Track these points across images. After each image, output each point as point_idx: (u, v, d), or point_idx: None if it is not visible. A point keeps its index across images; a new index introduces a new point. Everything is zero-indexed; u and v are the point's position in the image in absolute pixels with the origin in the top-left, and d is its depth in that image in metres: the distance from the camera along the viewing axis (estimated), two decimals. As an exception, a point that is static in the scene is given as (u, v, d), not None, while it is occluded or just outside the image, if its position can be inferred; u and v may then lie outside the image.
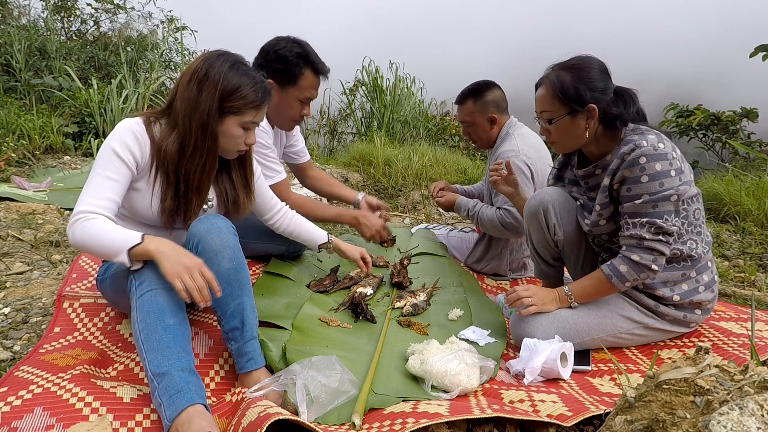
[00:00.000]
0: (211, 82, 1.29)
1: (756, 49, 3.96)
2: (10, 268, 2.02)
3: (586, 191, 1.60)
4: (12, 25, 6.34)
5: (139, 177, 1.33)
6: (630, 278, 1.41)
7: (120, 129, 1.30)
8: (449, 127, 6.73)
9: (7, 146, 3.74)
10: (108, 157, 1.27)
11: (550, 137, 1.55)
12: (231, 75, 1.30)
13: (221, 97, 1.30)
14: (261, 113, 1.38)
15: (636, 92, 1.50)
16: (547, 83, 1.49)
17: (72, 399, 1.11)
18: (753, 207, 3.06)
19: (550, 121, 1.50)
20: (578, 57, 1.49)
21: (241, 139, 1.37)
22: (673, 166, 1.36)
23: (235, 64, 1.33)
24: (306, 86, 1.88)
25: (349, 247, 1.88)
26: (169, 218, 1.37)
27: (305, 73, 1.86)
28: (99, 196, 1.23)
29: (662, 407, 0.71)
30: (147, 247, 1.16)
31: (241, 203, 1.50)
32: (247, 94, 1.31)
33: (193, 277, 1.14)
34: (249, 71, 1.35)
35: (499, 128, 2.22)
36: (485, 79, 2.24)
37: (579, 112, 1.45)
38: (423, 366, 1.31)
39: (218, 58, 1.32)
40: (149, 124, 1.33)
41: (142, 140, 1.30)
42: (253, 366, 1.27)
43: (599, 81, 1.44)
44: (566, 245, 1.66)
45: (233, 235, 1.31)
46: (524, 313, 1.52)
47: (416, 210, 3.84)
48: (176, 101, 1.32)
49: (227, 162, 1.47)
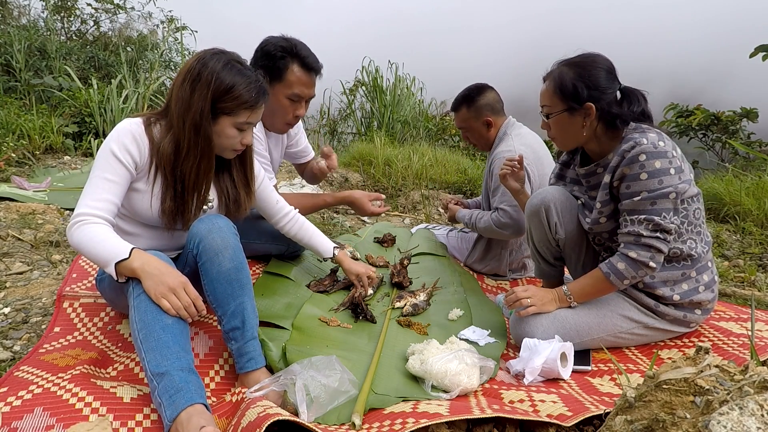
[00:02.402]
0: (203, 83, 1.27)
1: (756, 49, 3.95)
2: (10, 268, 2.02)
3: (587, 190, 1.60)
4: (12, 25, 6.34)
5: (138, 178, 1.32)
6: (628, 276, 1.41)
7: (118, 130, 1.29)
8: (449, 127, 6.73)
9: (7, 146, 3.74)
10: (106, 159, 1.26)
11: (550, 132, 1.56)
12: (224, 75, 1.28)
13: (214, 98, 1.28)
14: (256, 114, 1.35)
15: (645, 93, 1.49)
16: (551, 78, 1.50)
17: (72, 399, 1.11)
18: (753, 207, 3.06)
19: (548, 116, 1.52)
20: (584, 54, 1.49)
21: (236, 139, 1.35)
22: (673, 164, 1.36)
23: (228, 63, 1.30)
24: (294, 81, 1.78)
25: (350, 265, 1.82)
26: (169, 219, 1.36)
27: (291, 67, 1.76)
28: (97, 197, 1.24)
29: (662, 407, 0.71)
30: (132, 264, 1.16)
31: (242, 202, 1.50)
32: (240, 94, 1.29)
33: (179, 296, 1.15)
34: (244, 70, 1.32)
35: (496, 129, 2.22)
36: (477, 82, 2.25)
37: (576, 109, 1.45)
38: (423, 366, 1.31)
39: (212, 57, 1.30)
40: (149, 125, 1.33)
41: (141, 141, 1.30)
42: (253, 366, 1.27)
43: (602, 80, 1.44)
44: (567, 244, 1.66)
45: (234, 235, 1.31)
46: (523, 314, 1.52)
47: (416, 210, 3.84)
48: (171, 101, 1.32)
49: (228, 161, 1.46)
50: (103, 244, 1.18)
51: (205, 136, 1.30)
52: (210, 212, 1.46)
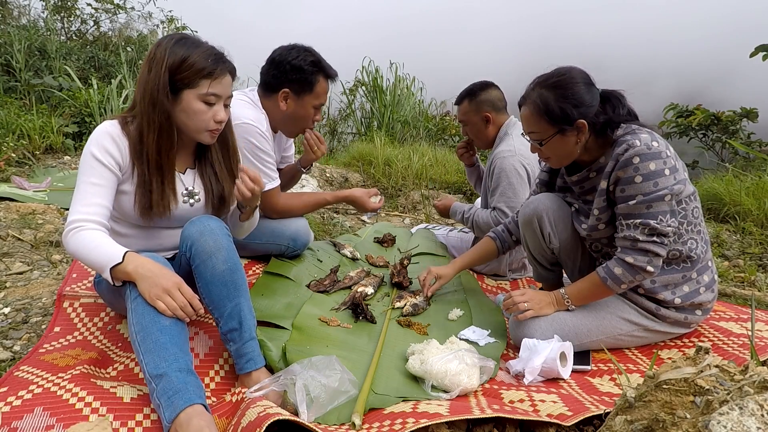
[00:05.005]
0: (158, 60, 1.28)
1: (756, 49, 3.95)
2: (10, 268, 2.02)
3: (580, 195, 1.58)
4: (12, 25, 6.34)
5: (124, 179, 1.33)
6: (625, 280, 1.40)
7: (96, 133, 1.30)
8: (449, 127, 6.73)
9: (7, 146, 3.74)
10: (89, 163, 1.27)
11: (542, 154, 1.52)
12: (176, 48, 1.29)
13: (171, 71, 1.28)
14: (219, 84, 1.32)
15: (623, 92, 1.47)
16: (531, 104, 1.45)
17: (72, 399, 1.11)
18: (753, 207, 3.06)
19: (541, 142, 1.47)
20: (559, 72, 1.44)
21: (207, 115, 1.32)
22: (667, 164, 1.34)
23: (181, 39, 1.32)
24: (321, 92, 1.91)
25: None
26: (143, 210, 1.34)
27: (320, 80, 1.88)
28: (87, 202, 1.24)
29: (662, 407, 0.71)
30: (126, 268, 1.16)
31: (227, 196, 1.49)
32: (194, 62, 1.28)
33: (174, 297, 1.15)
34: (198, 43, 1.32)
35: (497, 128, 2.22)
36: (485, 80, 2.25)
37: (567, 129, 1.42)
38: (423, 366, 1.30)
39: (165, 38, 1.33)
40: (125, 124, 1.33)
41: (120, 141, 1.30)
42: (252, 366, 1.27)
43: (584, 94, 1.40)
44: (562, 252, 1.65)
45: (227, 236, 1.31)
46: (521, 318, 1.52)
47: (416, 210, 3.84)
48: (135, 90, 1.33)
49: (210, 154, 1.46)
50: (98, 250, 1.19)
51: (161, 110, 1.29)
52: (197, 207, 1.45)
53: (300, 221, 2.08)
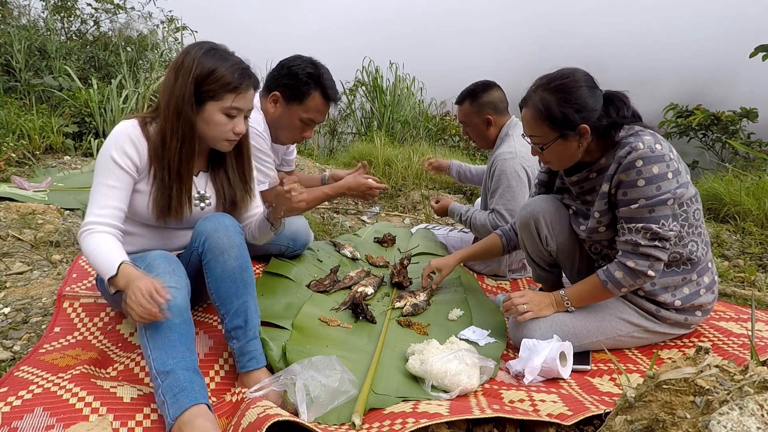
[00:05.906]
0: (186, 69, 1.28)
1: (756, 49, 3.95)
2: (10, 268, 2.02)
3: (579, 195, 1.56)
4: (12, 25, 6.34)
5: (140, 179, 1.33)
6: (626, 284, 1.40)
7: (116, 134, 1.30)
8: (449, 127, 6.73)
9: (7, 146, 3.74)
10: (107, 165, 1.28)
11: (543, 158, 1.50)
12: (205, 59, 1.29)
13: (197, 82, 1.28)
14: (243, 98, 1.33)
15: (626, 93, 1.44)
16: (532, 107, 1.42)
17: (72, 399, 1.11)
18: (753, 207, 3.06)
19: (542, 147, 1.45)
20: (562, 74, 1.41)
21: (227, 127, 1.33)
22: (670, 168, 1.33)
23: (211, 49, 1.31)
24: (312, 108, 1.86)
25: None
26: (159, 213, 1.35)
27: (313, 94, 1.84)
28: (102, 205, 1.26)
29: (662, 407, 0.71)
30: (118, 284, 1.16)
31: (238, 201, 1.50)
32: (222, 75, 1.29)
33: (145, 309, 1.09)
34: (226, 55, 1.33)
35: (498, 129, 2.21)
36: (486, 79, 2.24)
37: (570, 134, 1.39)
38: (423, 366, 1.30)
39: (194, 46, 1.32)
40: (144, 125, 1.33)
41: (139, 143, 1.31)
42: (254, 365, 1.28)
43: (587, 98, 1.37)
44: (560, 254, 1.65)
45: (240, 234, 1.32)
46: (520, 320, 1.52)
47: (416, 210, 3.84)
48: (160, 95, 1.33)
49: (224, 159, 1.46)
50: (101, 258, 1.20)
51: (186, 120, 1.29)
52: (207, 210, 1.46)
53: (300, 221, 2.08)
